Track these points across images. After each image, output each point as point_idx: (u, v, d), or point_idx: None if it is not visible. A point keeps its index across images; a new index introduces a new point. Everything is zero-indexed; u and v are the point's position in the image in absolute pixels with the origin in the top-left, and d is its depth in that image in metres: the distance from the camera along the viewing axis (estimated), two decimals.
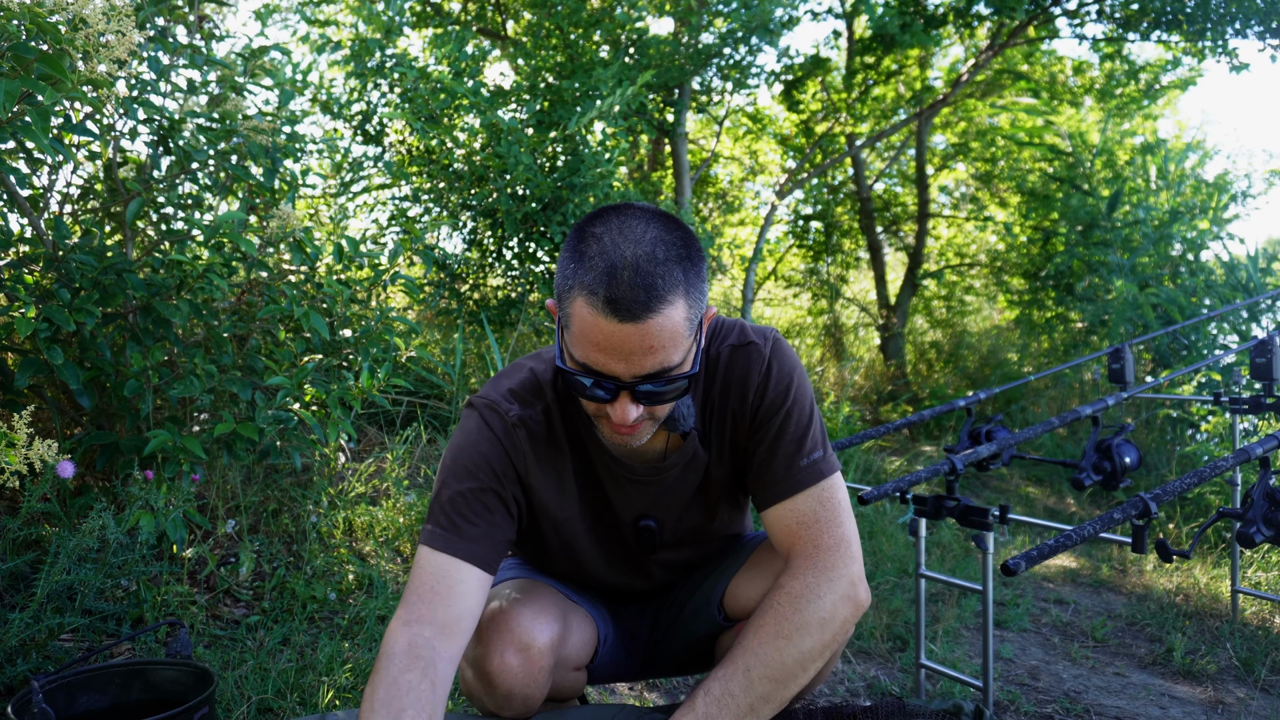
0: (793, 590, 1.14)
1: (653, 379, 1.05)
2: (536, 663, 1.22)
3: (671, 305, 1.01)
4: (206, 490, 2.53)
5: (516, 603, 1.25)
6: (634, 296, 0.99)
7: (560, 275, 1.07)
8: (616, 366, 1.03)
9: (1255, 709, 2.22)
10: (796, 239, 8.82)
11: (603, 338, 1.02)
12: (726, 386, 1.25)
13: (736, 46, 5.74)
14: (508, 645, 1.21)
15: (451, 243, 4.77)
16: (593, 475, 1.28)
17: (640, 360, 1.03)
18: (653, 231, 1.04)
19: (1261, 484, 1.74)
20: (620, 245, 1.02)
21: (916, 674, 2.14)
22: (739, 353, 1.25)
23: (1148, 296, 5.79)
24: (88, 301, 2.05)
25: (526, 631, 1.22)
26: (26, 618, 1.74)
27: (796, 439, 1.22)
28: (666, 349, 1.03)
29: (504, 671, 1.20)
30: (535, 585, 1.33)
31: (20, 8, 1.75)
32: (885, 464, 5.16)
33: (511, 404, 1.23)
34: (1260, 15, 5.51)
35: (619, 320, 1.00)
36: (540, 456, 1.24)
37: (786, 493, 1.21)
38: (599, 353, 1.03)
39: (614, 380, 1.05)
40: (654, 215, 1.07)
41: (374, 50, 4.20)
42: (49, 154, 2.03)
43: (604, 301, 1.00)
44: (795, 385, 1.24)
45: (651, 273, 1.00)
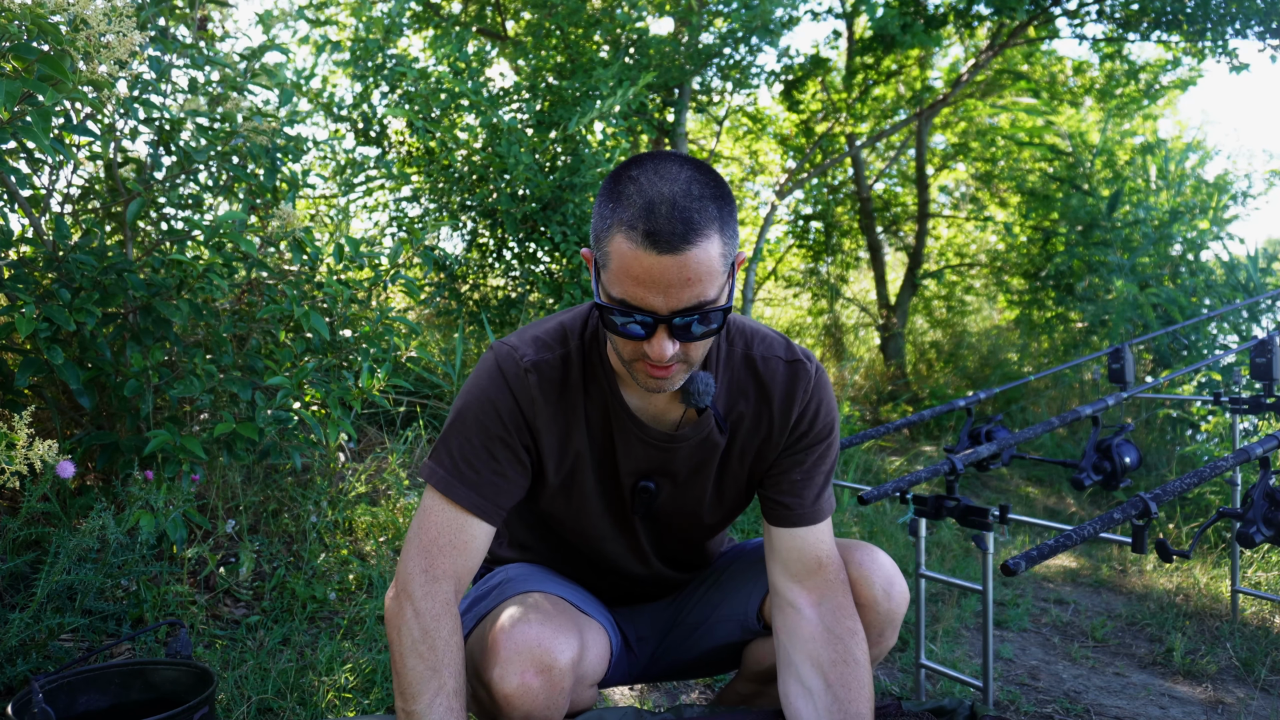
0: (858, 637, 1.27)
1: (690, 312, 1.06)
2: (558, 684, 1.19)
3: (708, 239, 1.04)
4: (206, 490, 2.53)
5: (534, 620, 1.21)
6: (672, 229, 1.02)
7: (597, 217, 1.09)
8: (655, 300, 1.05)
9: (1255, 709, 2.22)
10: (796, 239, 8.82)
11: (642, 270, 1.03)
12: (767, 392, 1.28)
13: (736, 46, 5.74)
14: (528, 665, 1.17)
15: (451, 243, 4.77)
16: (605, 427, 1.28)
17: (679, 293, 1.04)
18: (687, 171, 1.06)
19: (1261, 484, 1.74)
20: (657, 183, 1.05)
21: (916, 674, 2.14)
22: (787, 366, 1.28)
23: (1148, 296, 5.80)
24: (88, 301, 2.05)
25: (548, 652, 1.18)
26: (26, 618, 1.74)
27: (827, 471, 1.32)
28: (704, 282, 1.05)
29: (525, 693, 1.17)
30: (550, 599, 1.30)
31: (21, 8, 1.75)
32: (885, 464, 5.16)
33: (529, 349, 1.24)
34: (1260, 15, 5.51)
35: (658, 253, 1.02)
36: (550, 401, 1.24)
37: (812, 520, 1.30)
38: (638, 286, 1.05)
39: (652, 314, 1.06)
40: (687, 159, 1.09)
41: (374, 51, 4.20)
42: (50, 154, 2.03)
43: (643, 235, 1.02)
44: (836, 422, 1.32)
45: (688, 207, 1.03)
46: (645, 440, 1.28)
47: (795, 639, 1.27)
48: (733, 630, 1.46)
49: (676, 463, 1.31)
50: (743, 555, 1.53)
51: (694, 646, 1.51)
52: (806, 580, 1.29)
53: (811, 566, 1.29)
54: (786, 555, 1.30)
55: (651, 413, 1.27)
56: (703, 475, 1.33)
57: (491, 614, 1.28)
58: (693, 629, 1.51)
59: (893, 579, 1.34)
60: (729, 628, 1.46)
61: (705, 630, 1.49)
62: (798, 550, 1.29)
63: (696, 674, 1.59)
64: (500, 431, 1.22)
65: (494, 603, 1.31)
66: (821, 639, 1.25)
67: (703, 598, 1.51)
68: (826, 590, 1.28)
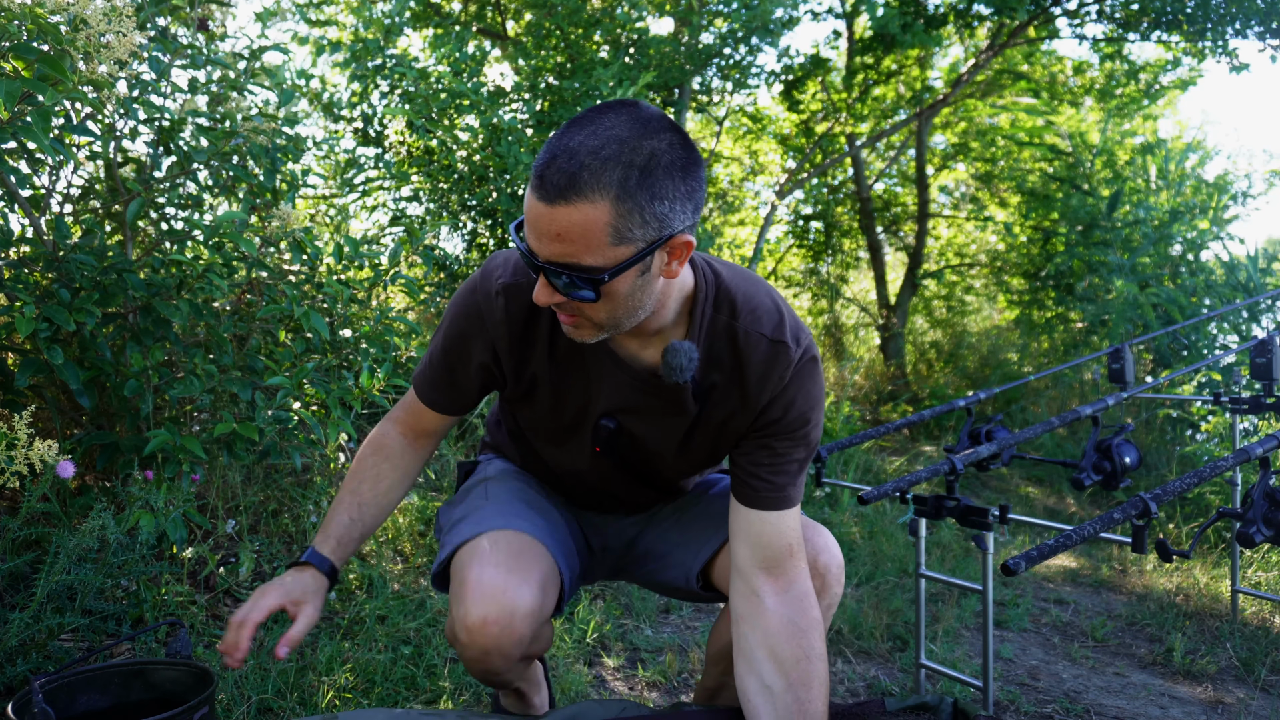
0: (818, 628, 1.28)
1: (556, 268, 1.05)
2: (518, 629, 1.26)
3: (590, 203, 1.00)
4: (206, 490, 2.53)
5: (501, 566, 1.27)
6: (554, 179, 1.00)
7: None
8: (534, 242, 1.06)
9: (1255, 709, 2.22)
10: (796, 239, 8.82)
11: (527, 209, 1.05)
12: (742, 367, 1.25)
13: (736, 46, 5.74)
14: (490, 608, 1.24)
15: (452, 243, 4.77)
16: (577, 359, 1.29)
17: (548, 244, 1.04)
18: (619, 131, 1.02)
19: (1261, 484, 1.74)
20: (575, 131, 1.02)
21: (916, 674, 2.14)
22: (770, 345, 1.24)
23: (1148, 296, 5.79)
24: (88, 301, 2.05)
25: (511, 598, 1.25)
26: (26, 618, 1.74)
27: (801, 460, 1.30)
28: (576, 244, 1.02)
29: (483, 632, 1.25)
30: (519, 538, 1.33)
31: (21, 8, 1.75)
32: (885, 464, 5.16)
33: (508, 272, 1.27)
34: (1260, 15, 5.51)
35: (536, 198, 1.02)
36: (516, 323, 1.27)
37: (780, 505, 1.29)
38: (527, 225, 1.06)
39: (533, 257, 1.07)
40: (640, 119, 1.04)
41: (374, 50, 4.20)
42: (50, 154, 2.03)
43: (535, 175, 1.03)
44: (815, 413, 1.28)
45: (583, 164, 1.00)
46: (618, 376, 1.28)
47: (755, 628, 1.27)
48: (677, 577, 1.49)
49: (645, 407, 1.30)
50: (711, 498, 1.51)
51: (647, 575, 1.56)
52: (774, 568, 1.28)
53: (779, 554, 1.28)
54: (753, 539, 1.29)
55: (629, 352, 1.27)
56: (667, 427, 1.32)
57: (467, 546, 1.33)
58: (646, 558, 1.54)
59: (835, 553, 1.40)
60: (676, 573, 1.49)
61: (657, 565, 1.53)
62: (765, 535, 1.28)
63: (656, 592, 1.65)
64: (460, 345, 1.33)
65: (471, 530, 1.36)
66: (784, 633, 1.25)
67: (663, 532, 1.53)
68: (792, 579, 1.28)
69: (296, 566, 1.34)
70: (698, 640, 2.53)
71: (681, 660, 2.38)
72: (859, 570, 3.21)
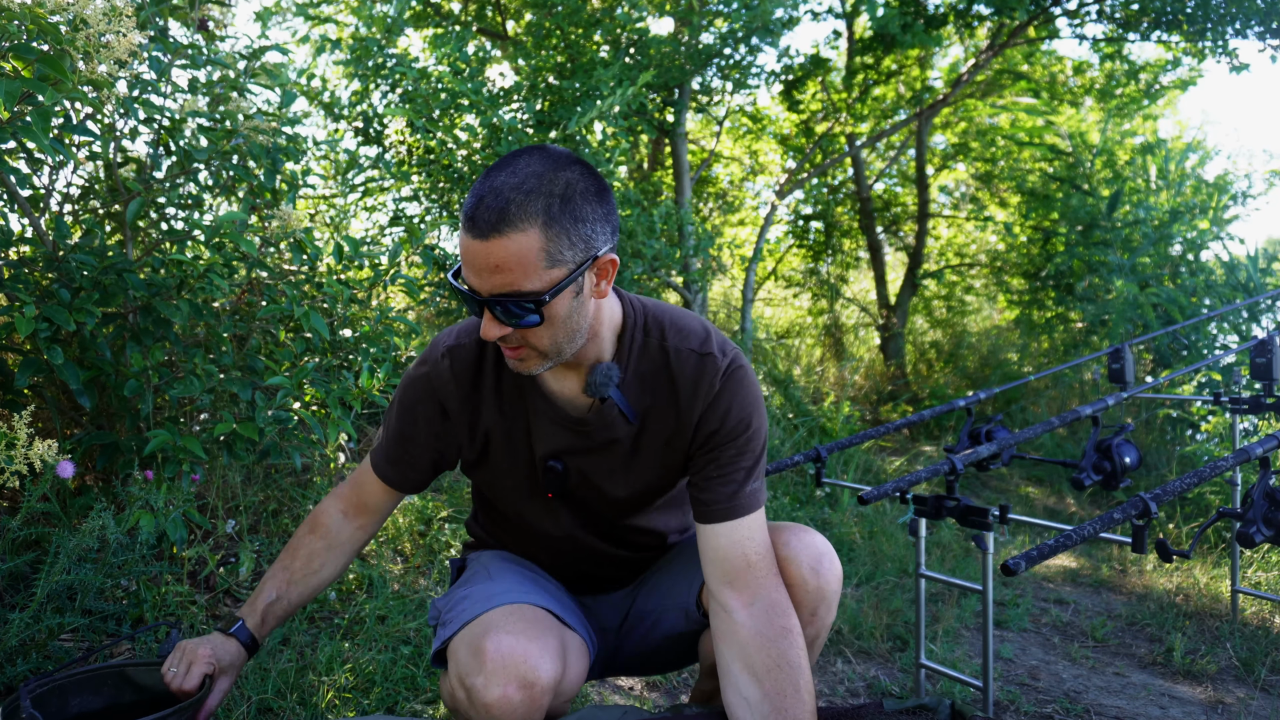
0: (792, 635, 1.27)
1: (501, 298, 1.13)
2: (538, 701, 1.22)
3: (521, 232, 1.10)
4: (206, 490, 2.53)
5: (521, 634, 1.24)
6: (485, 217, 1.10)
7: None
8: (474, 280, 1.15)
9: (1255, 709, 2.22)
10: (796, 239, 8.82)
11: (463, 251, 1.13)
12: (673, 383, 1.32)
13: (736, 46, 5.74)
14: (511, 679, 1.20)
15: (452, 243, 4.77)
16: (520, 408, 1.37)
17: (489, 277, 1.13)
18: (535, 168, 1.13)
19: (1261, 484, 1.74)
20: (498, 174, 1.13)
21: (916, 674, 2.14)
22: (698, 359, 1.31)
23: (1148, 296, 5.79)
24: (88, 301, 2.05)
25: (532, 669, 1.21)
26: (26, 618, 1.74)
27: (747, 468, 1.32)
28: (514, 272, 1.11)
29: (504, 705, 1.20)
30: (535, 611, 1.32)
31: (20, 8, 1.75)
32: (885, 464, 5.16)
33: (452, 336, 1.38)
34: (1260, 15, 5.51)
35: (471, 236, 1.12)
36: (463, 383, 1.36)
37: (731, 515, 1.30)
38: (465, 266, 1.15)
39: (475, 294, 1.15)
40: (551, 157, 1.16)
41: (374, 50, 4.20)
42: (49, 154, 2.03)
43: (466, 218, 1.12)
44: (755, 418, 1.33)
45: (510, 199, 1.10)
46: (556, 420, 1.34)
47: (729, 644, 1.27)
48: (678, 620, 1.47)
49: (585, 444, 1.35)
50: (688, 542, 1.54)
51: (648, 637, 1.53)
52: (736, 580, 1.29)
53: (739, 565, 1.29)
54: (713, 554, 1.30)
55: (566, 396, 1.34)
56: (610, 459, 1.37)
57: (479, 620, 1.29)
58: (644, 618, 1.53)
59: (821, 556, 1.36)
60: (675, 617, 1.48)
61: (655, 620, 1.51)
62: (723, 549, 1.30)
63: (657, 667, 1.60)
64: (411, 414, 1.40)
65: (480, 607, 1.32)
66: (755, 644, 1.25)
67: (654, 586, 1.53)
68: (758, 590, 1.28)
69: (222, 633, 1.40)
70: None
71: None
72: (859, 570, 3.21)
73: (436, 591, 2.55)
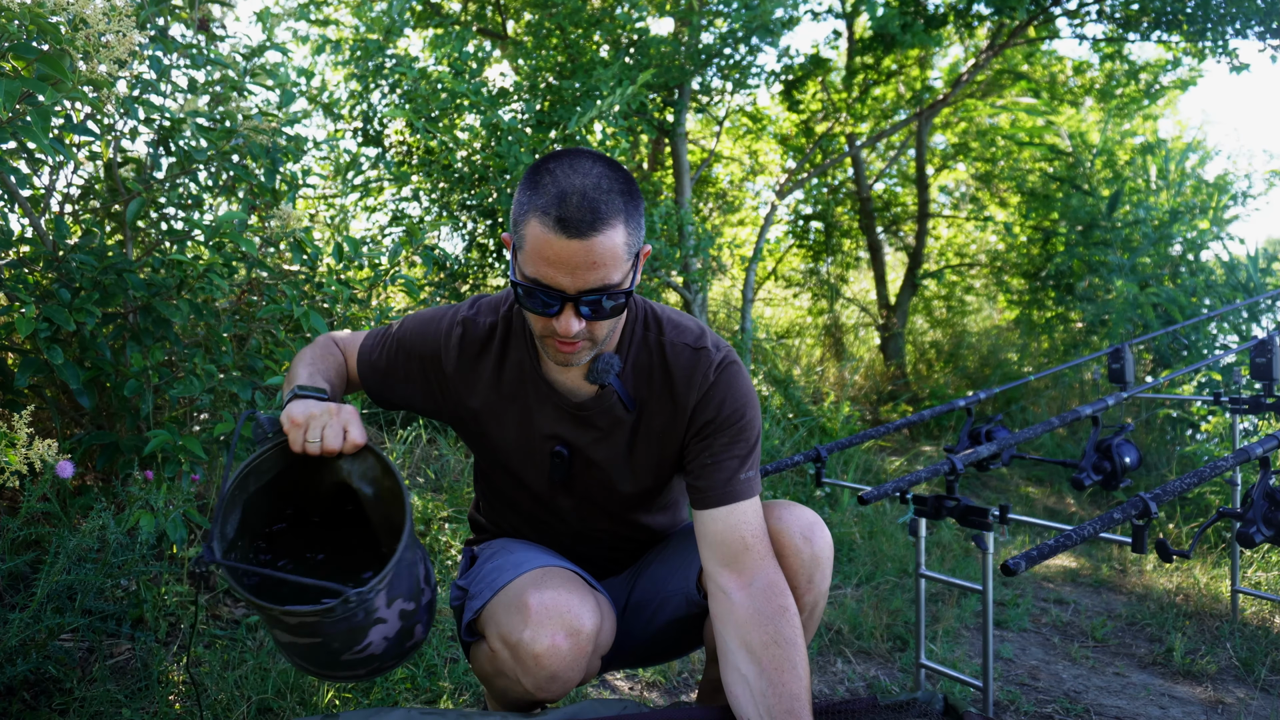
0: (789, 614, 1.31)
1: (593, 293, 1.18)
2: (584, 648, 1.28)
3: (613, 228, 1.16)
4: (206, 490, 2.53)
5: (562, 588, 1.30)
6: (581, 216, 1.15)
7: (516, 204, 1.22)
8: (563, 280, 1.17)
9: (1255, 709, 2.22)
10: (796, 239, 8.81)
11: (553, 253, 1.16)
12: (670, 376, 1.38)
13: (736, 46, 5.73)
14: (559, 628, 1.26)
15: (451, 243, 4.77)
16: (521, 394, 1.41)
17: (584, 275, 1.17)
18: (599, 168, 1.19)
19: (1261, 484, 1.74)
20: (570, 175, 1.17)
21: (916, 674, 2.14)
22: (692, 353, 1.38)
23: (1148, 296, 5.79)
24: (88, 301, 2.05)
25: (577, 617, 1.27)
26: (26, 618, 1.74)
27: (742, 455, 1.37)
28: (607, 267, 1.17)
29: (553, 654, 1.26)
30: (566, 572, 1.38)
31: (20, 8, 1.75)
32: (885, 464, 5.16)
33: (469, 309, 1.43)
34: (1260, 15, 5.50)
35: (567, 237, 1.15)
36: (467, 357, 1.41)
37: (728, 499, 1.35)
38: (549, 267, 1.17)
39: (560, 293, 1.18)
40: (600, 157, 1.22)
41: (374, 50, 4.20)
42: (49, 154, 2.03)
43: (555, 220, 1.15)
44: (748, 410, 1.39)
45: (596, 199, 1.16)
46: (558, 405, 1.40)
47: (727, 624, 1.31)
48: (680, 605, 1.51)
49: (586, 430, 1.40)
50: (684, 530, 1.59)
51: (650, 624, 1.56)
52: (733, 563, 1.33)
53: (736, 549, 1.33)
54: (711, 538, 1.35)
55: (568, 385, 1.39)
56: (611, 446, 1.42)
57: (514, 583, 1.35)
58: (645, 606, 1.56)
59: (812, 525, 1.41)
60: (677, 602, 1.52)
61: (657, 607, 1.54)
62: (720, 533, 1.34)
63: (660, 655, 1.63)
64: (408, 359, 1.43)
65: (511, 574, 1.38)
66: (752, 622, 1.29)
67: (652, 575, 1.57)
68: (755, 571, 1.32)
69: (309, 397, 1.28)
70: None
71: (681, 660, 2.38)
72: (859, 570, 3.21)
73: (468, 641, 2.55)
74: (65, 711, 1.73)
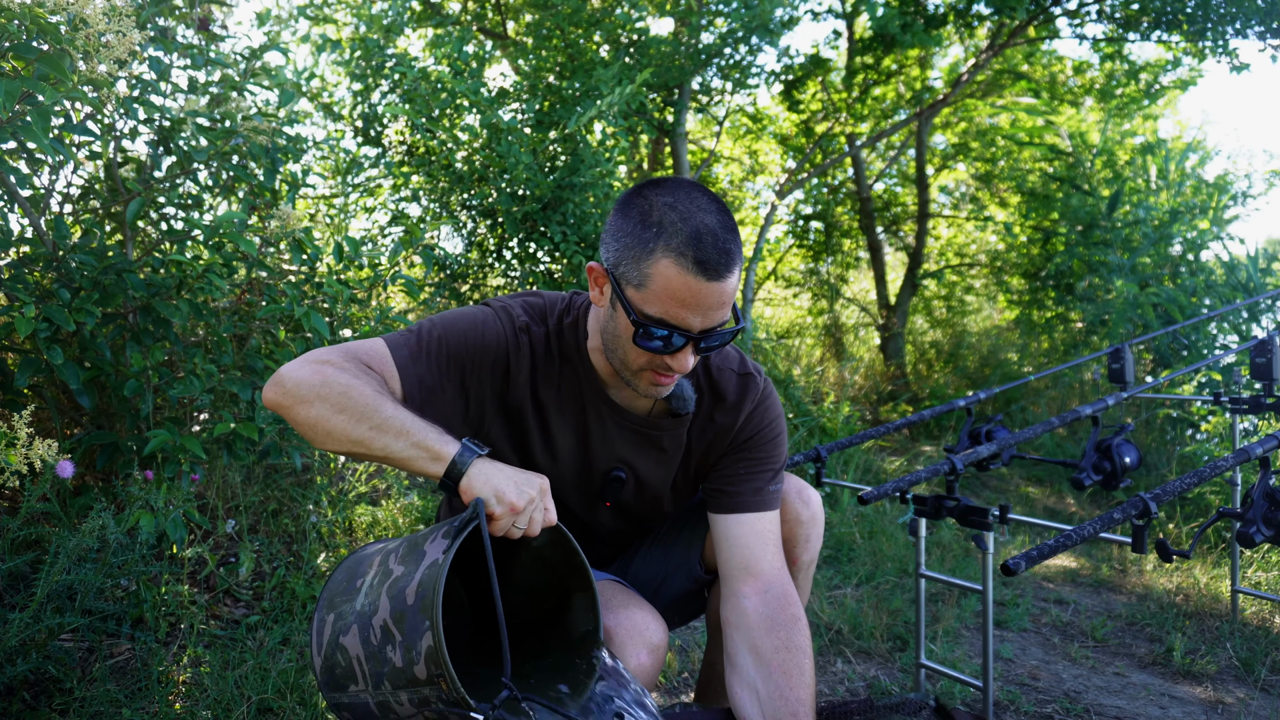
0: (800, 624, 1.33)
1: (716, 332, 1.19)
2: (661, 659, 1.32)
3: (739, 267, 1.18)
4: (206, 490, 2.53)
5: (634, 606, 1.33)
6: (719, 259, 1.14)
7: (629, 237, 1.16)
8: (693, 320, 1.16)
9: (1255, 709, 2.22)
10: (796, 239, 8.81)
11: (689, 295, 1.14)
12: (721, 399, 1.40)
13: (736, 46, 5.74)
14: (641, 645, 1.29)
15: (451, 243, 4.77)
16: (580, 405, 1.37)
17: (713, 314, 1.17)
18: (714, 204, 1.19)
19: (1261, 484, 1.74)
20: (696, 214, 1.15)
21: (916, 674, 2.14)
22: (739, 379, 1.41)
23: (1148, 296, 5.79)
24: (88, 301, 2.05)
25: (653, 632, 1.31)
26: (26, 618, 1.74)
27: (774, 471, 1.41)
28: (727, 306, 1.19)
29: (641, 671, 1.28)
30: (615, 584, 1.40)
31: (20, 8, 1.75)
32: (885, 464, 5.16)
33: (521, 314, 1.33)
34: (1260, 15, 5.50)
35: (706, 279, 1.14)
36: (538, 366, 1.33)
37: (754, 508, 1.38)
38: (682, 308, 1.15)
39: (686, 332, 1.17)
40: (704, 189, 1.21)
41: (374, 50, 4.20)
42: (49, 154, 2.03)
43: (694, 262, 1.13)
44: (783, 431, 1.44)
45: (727, 239, 1.16)
46: (623, 425, 1.37)
47: (739, 628, 1.33)
48: (684, 582, 1.55)
49: (650, 451, 1.41)
50: (677, 515, 1.61)
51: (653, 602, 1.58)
52: (750, 569, 1.35)
53: (757, 554, 1.36)
54: (733, 542, 1.37)
55: (629, 404, 1.38)
56: (667, 469, 1.44)
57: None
58: (646, 586, 1.59)
59: (803, 487, 1.50)
60: (680, 579, 1.55)
61: (659, 585, 1.58)
62: (743, 538, 1.36)
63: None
64: (470, 360, 1.26)
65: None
66: (763, 628, 1.31)
67: (646, 558, 1.60)
68: (771, 579, 1.35)
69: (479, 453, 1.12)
70: (698, 640, 2.53)
71: (682, 660, 2.38)
72: (859, 570, 3.21)
73: None
74: (65, 711, 1.73)
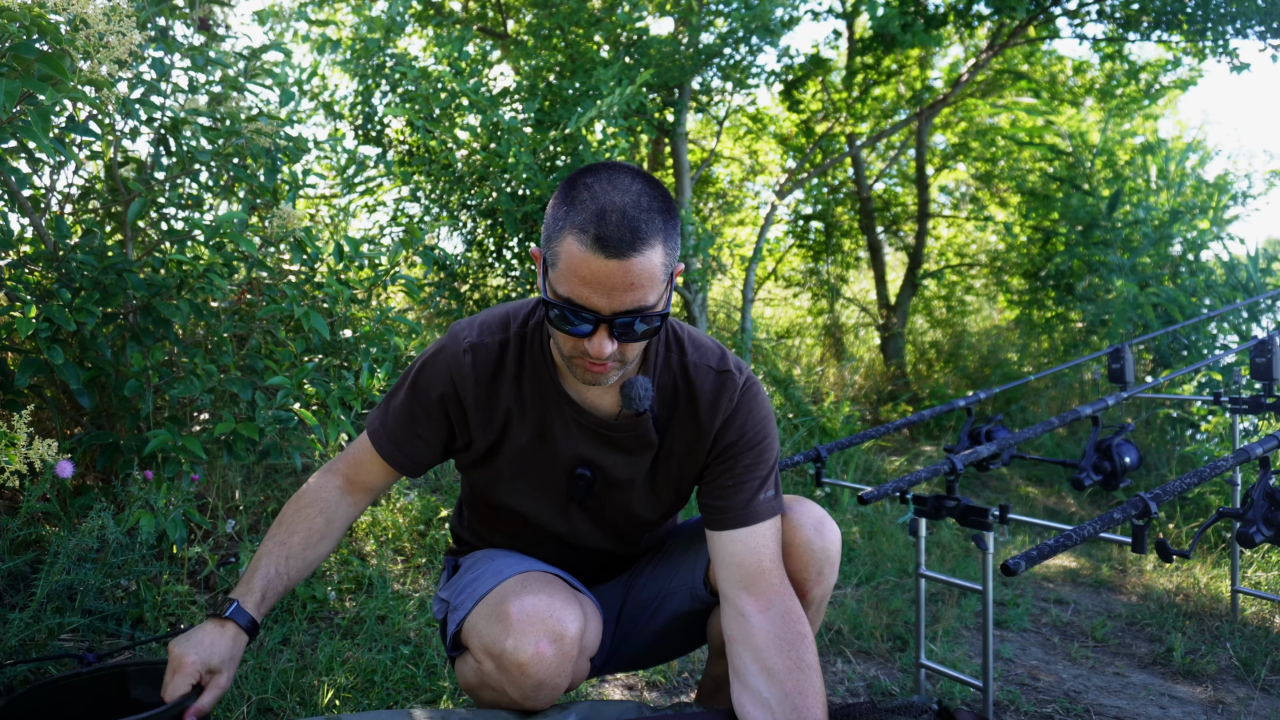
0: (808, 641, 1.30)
1: (629, 314, 1.14)
2: (569, 653, 1.26)
3: (652, 249, 1.12)
4: (206, 490, 2.53)
5: (543, 593, 1.28)
6: (620, 236, 1.10)
7: (550, 218, 1.17)
8: (599, 301, 1.13)
9: (1255, 709, 2.22)
10: (796, 239, 8.81)
11: (589, 273, 1.11)
12: (695, 398, 1.36)
13: (736, 46, 5.73)
14: (541, 635, 1.24)
15: (451, 243, 4.77)
16: (542, 412, 1.36)
17: (621, 296, 1.12)
18: (638, 185, 1.15)
19: (1261, 484, 1.74)
20: (610, 192, 1.13)
21: (916, 674, 2.14)
22: (716, 376, 1.37)
23: (1148, 296, 5.79)
24: (88, 301, 2.05)
25: (559, 622, 1.26)
26: (26, 618, 1.74)
27: (762, 477, 1.36)
28: (644, 288, 1.13)
29: (538, 661, 1.24)
30: (547, 576, 1.36)
31: (21, 8, 1.75)
32: (885, 464, 5.16)
33: (473, 332, 1.36)
34: (1260, 15, 5.50)
35: (605, 257, 1.10)
36: (482, 381, 1.35)
37: (747, 521, 1.34)
38: (584, 287, 1.12)
39: (595, 314, 1.14)
40: (639, 173, 1.18)
41: (374, 50, 4.20)
42: (50, 154, 2.03)
43: (593, 239, 1.10)
44: (770, 433, 1.39)
45: (637, 217, 1.11)
46: (583, 424, 1.36)
47: (747, 647, 1.30)
48: (684, 601, 1.51)
49: (611, 451, 1.38)
50: (682, 531, 1.59)
51: (652, 621, 1.55)
52: (753, 586, 1.32)
53: (755, 571, 1.32)
54: (729, 559, 1.33)
55: (592, 403, 1.36)
56: (636, 468, 1.40)
57: (494, 591, 1.33)
58: (646, 604, 1.56)
59: (821, 520, 1.42)
60: (681, 598, 1.51)
61: (659, 604, 1.54)
62: (739, 554, 1.33)
63: (661, 654, 1.63)
64: (427, 402, 1.36)
65: (491, 582, 1.36)
66: (774, 647, 1.28)
67: (650, 575, 1.56)
68: (774, 595, 1.31)
69: (217, 619, 1.27)
70: None
71: (681, 660, 2.38)
72: (859, 570, 3.21)
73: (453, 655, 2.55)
74: None
